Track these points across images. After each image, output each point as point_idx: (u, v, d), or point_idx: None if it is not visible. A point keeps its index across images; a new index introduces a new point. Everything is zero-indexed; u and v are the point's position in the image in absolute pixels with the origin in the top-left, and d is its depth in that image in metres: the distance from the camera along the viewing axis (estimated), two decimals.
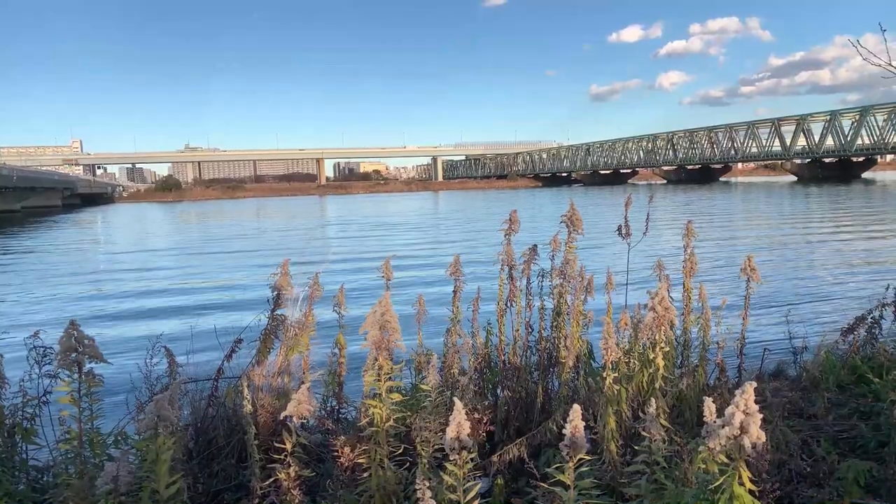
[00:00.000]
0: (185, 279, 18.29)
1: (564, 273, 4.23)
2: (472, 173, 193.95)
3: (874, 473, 3.28)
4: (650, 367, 3.38)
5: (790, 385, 4.95)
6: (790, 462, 3.37)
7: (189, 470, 3.39)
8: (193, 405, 4.12)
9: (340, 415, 4.44)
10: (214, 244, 30.45)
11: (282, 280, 4.22)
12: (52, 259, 25.83)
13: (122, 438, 3.27)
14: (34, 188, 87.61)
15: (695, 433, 3.55)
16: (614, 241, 4.75)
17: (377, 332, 2.87)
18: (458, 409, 2.28)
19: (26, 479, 3.31)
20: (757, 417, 1.90)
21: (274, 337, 4.22)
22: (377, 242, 28.72)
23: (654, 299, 3.21)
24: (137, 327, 11.51)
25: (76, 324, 2.61)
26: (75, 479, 2.63)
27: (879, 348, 5.26)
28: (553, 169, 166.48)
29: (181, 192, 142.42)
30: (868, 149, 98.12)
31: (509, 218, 4.33)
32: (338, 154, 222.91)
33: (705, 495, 2.17)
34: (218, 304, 13.99)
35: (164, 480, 2.56)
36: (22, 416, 3.34)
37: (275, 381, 4.28)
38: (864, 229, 25.76)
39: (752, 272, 4.58)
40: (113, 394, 3.20)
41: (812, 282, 14.03)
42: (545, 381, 4.28)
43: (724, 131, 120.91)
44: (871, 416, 4.26)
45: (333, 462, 3.34)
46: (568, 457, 2.24)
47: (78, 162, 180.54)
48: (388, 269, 4.47)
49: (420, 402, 3.50)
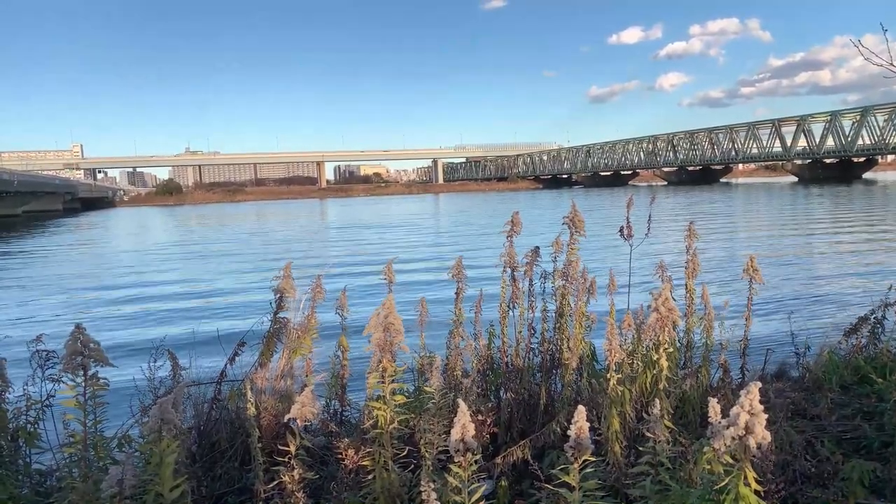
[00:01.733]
0: (188, 283, 18.30)
1: (567, 274, 4.22)
2: (473, 175, 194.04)
3: (878, 474, 3.27)
4: (653, 369, 3.37)
5: (793, 386, 4.95)
6: (794, 463, 3.36)
7: (192, 473, 3.39)
8: (196, 408, 4.12)
9: (344, 417, 4.44)
10: (215, 246, 30.48)
11: (284, 283, 4.22)
12: (52, 262, 25.86)
13: (126, 442, 3.27)
14: (35, 193, 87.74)
15: (698, 434, 3.55)
16: (617, 242, 4.75)
17: (381, 334, 2.88)
18: (463, 410, 2.28)
19: (30, 483, 3.31)
20: (762, 417, 1.89)
21: (277, 340, 4.22)
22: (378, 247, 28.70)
23: (658, 300, 3.21)
24: (140, 331, 11.52)
25: (82, 327, 2.61)
26: (79, 482, 2.63)
27: (882, 349, 5.25)
28: (553, 171, 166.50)
29: (182, 196, 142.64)
30: (869, 149, 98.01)
31: (511, 219, 4.33)
32: (338, 157, 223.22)
33: (710, 496, 2.17)
34: (220, 306, 14.00)
35: (168, 483, 2.56)
36: (26, 420, 3.35)
37: (278, 384, 4.28)
38: (866, 230, 25.74)
39: (755, 273, 4.58)
40: (117, 397, 3.20)
41: (814, 282, 14.02)
42: (548, 383, 4.28)
43: (725, 132, 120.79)
44: (875, 417, 4.26)
45: (337, 465, 3.34)
46: (573, 458, 2.24)
47: (79, 166, 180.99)
48: (391, 271, 4.47)
49: (423, 405, 3.50)
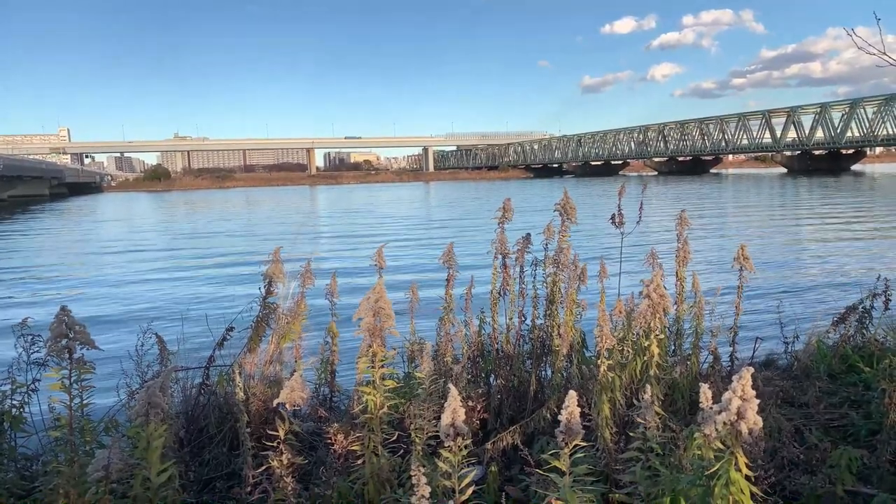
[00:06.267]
0: (176, 267, 18.18)
1: (558, 261, 4.21)
2: (464, 164, 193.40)
3: (865, 461, 3.29)
4: (644, 355, 3.38)
5: (781, 374, 4.98)
6: (783, 449, 3.38)
7: (180, 458, 3.36)
8: (185, 393, 4.10)
9: (333, 403, 4.42)
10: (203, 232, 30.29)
11: (273, 268, 4.18)
12: (38, 246, 25.62)
13: (113, 426, 3.24)
14: (21, 177, 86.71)
15: (687, 421, 3.56)
16: (608, 230, 4.73)
17: (371, 318, 2.85)
18: (454, 395, 2.26)
19: (15, 468, 3.27)
20: (754, 403, 1.89)
21: (266, 325, 4.19)
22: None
23: (650, 286, 3.20)
24: (127, 314, 11.44)
25: (67, 309, 2.57)
26: (65, 466, 2.60)
27: (870, 338, 5.29)
28: (545, 160, 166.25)
29: (170, 182, 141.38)
30: (857, 141, 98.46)
31: (503, 206, 4.31)
32: (328, 143, 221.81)
33: (701, 481, 2.17)
34: (209, 292, 13.91)
35: (155, 468, 2.53)
36: (10, 404, 3.31)
37: (267, 370, 4.26)
38: (853, 220, 25.93)
39: (745, 261, 4.58)
40: (104, 381, 3.16)
41: (802, 272, 14.12)
42: (538, 370, 4.28)
43: (715, 123, 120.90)
44: (862, 405, 4.29)
45: (326, 450, 3.33)
46: (563, 443, 2.23)
47: (66, 151, 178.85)
48: (381, 257, 4.44)
49: (413, 390, 3.49)
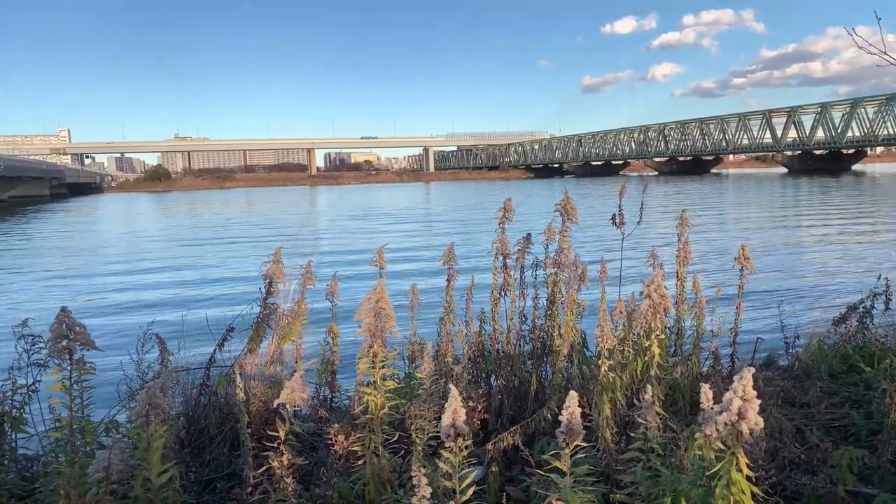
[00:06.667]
0: (176, 269, 18.18)
1: (559, 262, 4.21)
2: (464, 164, 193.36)
3: (866, 461, 3.29)
4: (645, 355, 3.37)
5: (782, 374, 4.97)
6: (784, 450, 3.38)
7: (181, 458, 3.36)
8: (185, 394, 4.09)
9: (334, 404, 4.42)
10: (206, 232, 30.28)
11: (274, 268, 4.18)
12: (38, 247, 25.61)
13: (114, 427, 3.24)
14: (21, 178, 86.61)
15: (688, 421, 3.56)
16: (609, 230, 4.73)
17: (372, 319, 2.85)
18: (454, 395, 2.26)
19: (16, 468, 3.27)
20: (755, 403, 1.89)
21: (266, 325, 4.18)
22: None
23: (650, 286, 3.20)
24: (128, 316, 11.44)
25: (67, 310, 2.56)
26: (66, 467, 2.60)
27: (870, 338, 5.28)
28: (545, 160, 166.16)
29: (170, 182, 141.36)
30: (858, 141, 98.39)
31: (503, 206, 4.30)
32: (329, 144, 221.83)
33: (702, 482, 2.16)
34: (210, 292, 13.90)
35: (156, 468, 2.53)
36: (11, 405, 3.31)
37: (267, 370, 4.26)
38: (854, 220, 25.91)
39: (746, 261, 4.58)
40: (104, 382, 3.16)
41: (803, 272, 14.11)
42: (539, 370, 4.28)
43: (716, 123, 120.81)
44: (863, 405, 4.29)
45: (327, 450, 3.33)
46: (564, 443, 2.22)
47: (66, 151, 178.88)
48: (382, 257, 4.44)
49: (414, 391, 3.49)
